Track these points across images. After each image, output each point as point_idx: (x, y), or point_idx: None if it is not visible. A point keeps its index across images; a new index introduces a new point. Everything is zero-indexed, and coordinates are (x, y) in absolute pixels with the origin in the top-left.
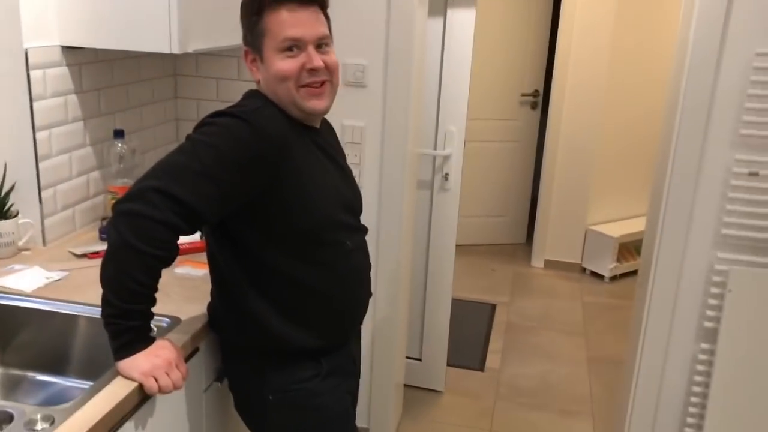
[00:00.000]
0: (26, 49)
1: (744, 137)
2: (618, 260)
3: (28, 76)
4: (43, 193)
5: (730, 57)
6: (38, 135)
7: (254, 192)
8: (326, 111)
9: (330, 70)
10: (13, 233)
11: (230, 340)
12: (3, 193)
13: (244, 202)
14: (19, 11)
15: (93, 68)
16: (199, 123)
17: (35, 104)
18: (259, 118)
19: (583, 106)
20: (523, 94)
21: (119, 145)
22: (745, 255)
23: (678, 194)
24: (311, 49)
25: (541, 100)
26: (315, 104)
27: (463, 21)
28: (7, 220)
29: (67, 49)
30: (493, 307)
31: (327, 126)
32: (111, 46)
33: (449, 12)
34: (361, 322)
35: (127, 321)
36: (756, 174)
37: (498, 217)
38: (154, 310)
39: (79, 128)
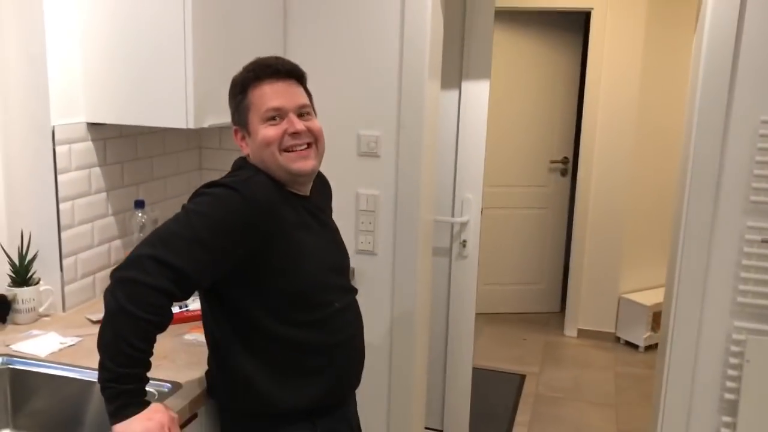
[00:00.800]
0: (53, 126)
1: (755, 204)
2: (652, 329)
3: (54, 151)
4: (64, 261)
5: (737, 125)
6: (61, 206)
7: (244, 257)
8: (313, 172)
9: (314, 134)
10: (34, 300)
11: (225, 404)
12: (26, 261)
13: (235, 266)
14: (48, 91)
15: (117, 143)
16: (193, 193)
17: (60, 177)
18: (250, 187)
19: (612, 174)
20: (552, 161)
21: (139, 214)
22: (764, 324)
23: (691, 263)
24: (292, 115)
25: (570, 166)
26: (301, 165)
27: (477, 92)
28: (29, 287)
29: (92, 125)
30: (523, 377)
31: (321, 184)
32: (132, 122)
33: (464, 84)
34: (356, 385)
35: (122, 385)
36: None
37: (531, 284)
38: (157, 375)
39: (101, 199)
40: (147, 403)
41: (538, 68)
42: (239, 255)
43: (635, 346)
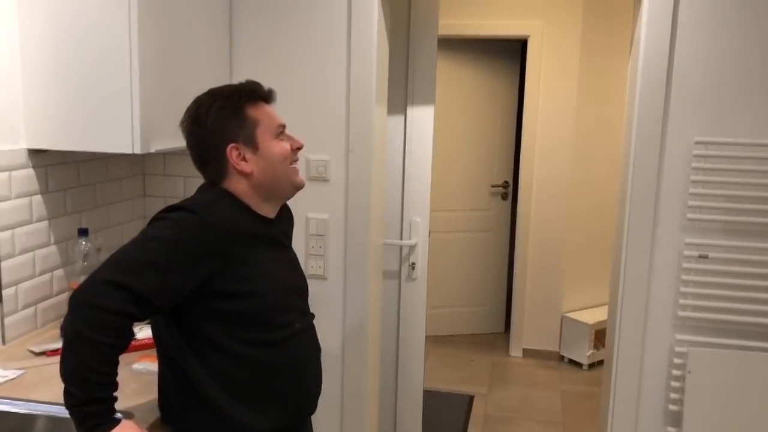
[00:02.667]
0: None
1: (692, 221)
2: (595, 347)
3: None
4: (4, 292)
5: (672, 146)
6: (1, 235)
7: (204, 279)
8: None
9: None
10: None
11: (182, 430)
12: None
13: (194, 288)
14: None
15: (59, 169)
16: (153, 217)
17: None
18: (210, 209)
19: (551, 196)
20: (494, 186)
21: (83, 243)
22: (703, 336)
23: (634, 279)
24: (290, 133)
25: (511, 190)
26: (300, 179)
27: (422, 118)
28: None
29: (34, 152)
30: (471, 398)
31: (285, 211)
32: (76, 147)
33: (409, 109)
34: (313, 410)
35: (90, 407)
36: (705, 257)
37: (476, 306)
38: None
39: (43, 228)
40: (117, 421)
41: (477, 95)
42: (198, 277)
43: (579, 365)
